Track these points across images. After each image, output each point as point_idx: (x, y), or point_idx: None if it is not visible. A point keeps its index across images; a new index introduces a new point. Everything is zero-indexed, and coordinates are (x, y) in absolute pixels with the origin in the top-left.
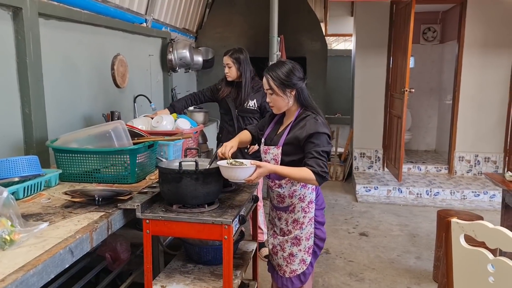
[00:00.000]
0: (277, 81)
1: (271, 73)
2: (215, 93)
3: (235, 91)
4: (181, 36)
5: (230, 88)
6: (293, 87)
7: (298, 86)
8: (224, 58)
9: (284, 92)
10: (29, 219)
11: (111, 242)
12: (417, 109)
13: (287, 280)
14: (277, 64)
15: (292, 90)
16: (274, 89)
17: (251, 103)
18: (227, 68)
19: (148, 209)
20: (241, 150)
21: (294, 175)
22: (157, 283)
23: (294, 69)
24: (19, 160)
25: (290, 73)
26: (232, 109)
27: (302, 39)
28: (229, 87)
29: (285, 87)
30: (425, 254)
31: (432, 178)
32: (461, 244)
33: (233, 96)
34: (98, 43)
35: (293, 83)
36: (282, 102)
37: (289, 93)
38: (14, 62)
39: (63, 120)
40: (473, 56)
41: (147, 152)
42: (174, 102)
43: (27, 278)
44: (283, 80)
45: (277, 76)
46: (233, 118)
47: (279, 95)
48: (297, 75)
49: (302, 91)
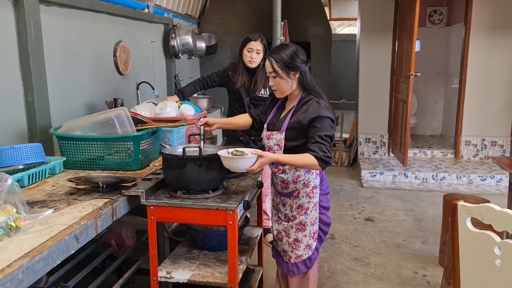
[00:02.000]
0: (281, 64)
1: (275, 55)
2: (224, 79)
3: (249, 79)
4: (183, 22)
5: (246, 76)
6: (297, 69)
7: (301, 69)
8: (254, 43)
9: (288, 75)
10: (34, 206)
11: (117, 229)
12: (423, 93)
13: (293, 265)
14: (280, 47)
15: (296, 73)
16: (278, 71)
17: (263, 91)
18: (255, 54)
19: (152, 196)
20: (253, 139)
21: (297, 163)
22: (163, 269)
23: (298, 51)
24: (24, 148)
25: (294, 56)
26: (244, 96)
27: (306, 24)
28: (246, 75)
29: (289, 69)
30: (431, 239)
31: (438, 163)
32: (468, 227)
33: (246, 84)
34: (99, 30)
35: (297, 65)
36: (286, 86)
37: (293, 76)
38: (16, 49)
39: (66, 108)
40: (480, 39)
41: (151, 138)
42: (183, 88)
43: (33, 264)
44: (287, 62)
45: (281, 59)
46: (245, 105)
47: (283, 78)
48: (300, 58)
49: (305, 74)
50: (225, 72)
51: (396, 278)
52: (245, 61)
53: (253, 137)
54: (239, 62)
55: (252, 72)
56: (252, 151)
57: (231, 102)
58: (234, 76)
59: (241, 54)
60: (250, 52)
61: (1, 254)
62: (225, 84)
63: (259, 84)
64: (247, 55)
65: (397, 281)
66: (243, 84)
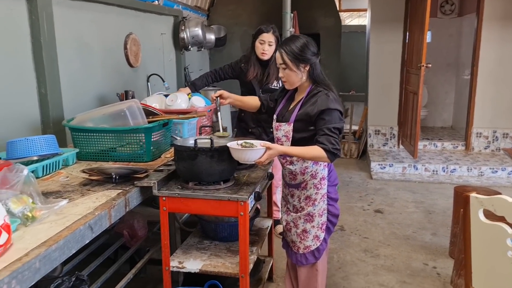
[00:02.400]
0: (291, 56)
1: (285, 47)
2: (236, 71)
3: (261, 71)
4: (193, 14)
5: (259, 68)
6: (307, 62)
7: (312, 61)
8: (266, 35)
9: (298, 67)
10: (49, 196)
11: (129, 219)
12: (433, 85)
13: (301, 256)
14: (291, 39)
15: (306, 65)
16: (288, 63)
17: (275, 83)
18: (267, 46)
19: (164, 187)
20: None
21: (305, 155)
22: (175, 259)
23: (309, 44)
24: (38, 140)
25: (304, 48)
26: (257, 88)
27: (316, 15)
28: (258, 67)
29: (299, 61)
30: (441, 231)
31: (449, 155)
32: (480, 219)
33: (259, 76)
34: (110, 22)
35: (307, 58)
36: (296, 77)
37: (303, 68)
38: (29, 42)
39: (78, 100)
40: (493, 30)
41: (162, 130)
42: (195, 80)
43: (50, 253)
44: (297, 54)
45: (291, 51)
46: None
47: (293, 70)
48: (311, 50)
49: (315, 67)
50: (237, 64)
51: (406, 270)
52: (257, 53)
53: (265, 129)
54: (252, 54)
55: (265, 64)
56: (261, 143)
57: (243, 94)
58: (246, 68)
59: (253, 46)
60: (262, 44)
61: (19, 243)
62: (237, 76)
63: (272, 76)
64: (259, 47)
65: (407, 273)
66: (255, 76)
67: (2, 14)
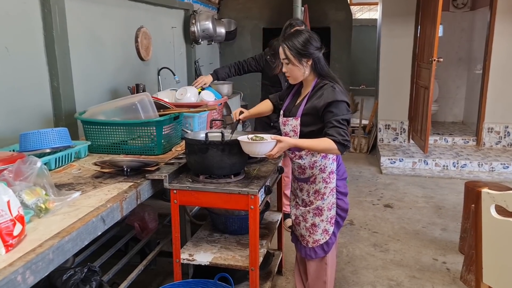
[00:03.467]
0: (294, 51)
1: (288, 42)
2: (261, 64)
3: None
4: (203, 7)
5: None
6: (310, 56)
7: (314, 56)
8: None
9: (300, 61)
10: (62, 188)
11: (139, 212)
12: (444, 79)
13: (310, 250)
14: (294, 34)
15: (308, 60)
16: (290, 58)
17: None
18: None
19: (175, 180)
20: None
21: (316, 147)
22: (185, 251)
23: (311, 38)
24: (50, 132)
25: (306, 43)
26: (283, 81)
27: (326, 9)
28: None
29: (302, 56)
30: (451, 226)
31: (459, 150)
32: (492, 215)
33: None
34: (122, 16)
35: (310, 52)
36: (298, 72)
37: (305, 63)
38: (41, 35)
39: (89, 93)
40: (506, 23)
41: (173, 124)
42: (218, 69)
43: (63, 244)
44: (300, 49)
45: (294, 46)
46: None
47: (295, 64)
48: (314, 45)
49: (319, 61)
50: (262, 57)
51: (416, 265)
52: None
53: None
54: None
55: None
56: (271, 136)
57: (266, 87)
58: (272, 61)
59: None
60: None
61: (32, 235)
62: (261, 69)
63: None
64: None
65: (416, 268)
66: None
67: (15, 8)
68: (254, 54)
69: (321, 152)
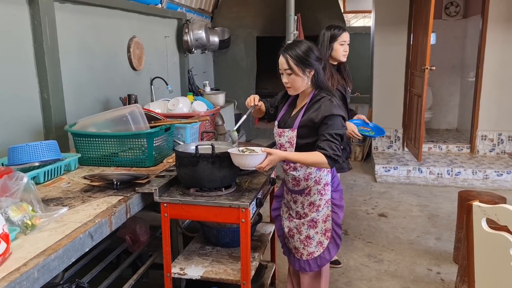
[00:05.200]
0: (297, 60)
1: (291, 52)
2: None
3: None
4: (196, 16)
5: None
6: (312, 67)
7: (316, 67)
8: (345, 35)
9: (303, 72)
10: (50, 203)
11: (131, 224)
12: (438, 87)
13: (305, 262)
14: (295, 43)
15: (311, 70)
16: (294, 68)
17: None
18: (346, 46)
19: (165, 193)
20: None
21: (306, 160)
22: (176, 265)
23: (313, 48)
24: (39, 145)
25: (309, 52)
26: (348, 96)
27: (320, 17)
28: (335, 73)
29: (305, 66)
30: (445, 235)
31: (454, 158)
32: (483, 228)
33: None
34: (113, 26)
35: (312, 63)
36: (301, 83)
37: (308, 73)
38: (31, 47)
39: (80, 104)
40: (498, 31)
41: (164, 135)
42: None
43: (49, 262)
44: (303, 59)
45: (297, 55)
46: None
47: (299, 75)
48: (315, 54)
49: (319, 72)
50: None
51: (410, 275)
52: (337, 56)
53: None
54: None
55: (338, 68)
56: (261, 149)
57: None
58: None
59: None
60: (343, 45)
61: (18, 252)
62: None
63: (348, 79)
64: (339, 49)
65: (411, 278)
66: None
67: (5, 19)
68: (248, 62)
69: (311, 166)
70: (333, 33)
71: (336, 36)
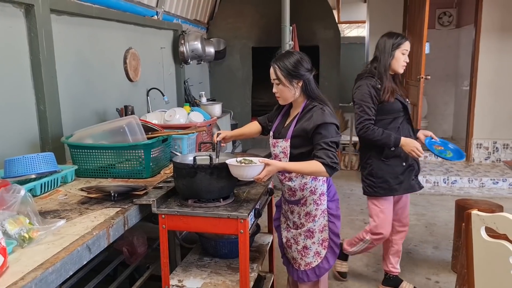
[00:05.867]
0: (285, 72)
1: (279, 63)
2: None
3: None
4: (192, 27)
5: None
6: (300, 78)
7: (305, 78)
8: (407, 44)
9: (291, 82)
10: (47, 216)
11: (128, 236)
12: (433, 96)
13: (302, 273)
14: (285, 55)
15: (299, 81)
16: (281, 79)
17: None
18: (407, 56)
19: (163, 204)
20: None
21: (304, 170)
22: (174, 277)
23: (302, 60)
24: (36, 157)
25: (297, 64)
26: (409, 106)
27: (315, 27)
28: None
29: (292, 77)
30: (443, 244)
31: (449, 166)
32: (482, 237)
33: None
34: (110, 38)
35: (301, 74)
36: (289, 93)
37: (296, 84)
38: (28, 59)
39: (77, 116)
40: (491, 41)
41: (161, 146)
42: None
43: (46, 276)
44: (291, 70)
45: (285, 67)
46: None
47: (286, 85)
48: (305, 66)
49: (309, 83)
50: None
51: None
52: (396, 66)
53: None
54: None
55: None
56: (259, 159)
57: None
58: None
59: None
60: (404, 55)
61: (15, 266)
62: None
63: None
64: (401, 58)
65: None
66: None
67: (2, 32)
68: (243, 73)
69: (309, 175)
70: (396, 41)
71: (400, 44)
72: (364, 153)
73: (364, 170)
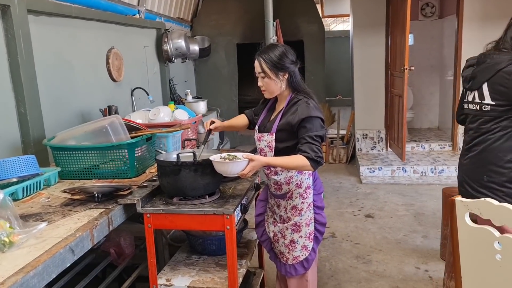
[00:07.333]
0: (270, 64)
1: (264, 55)
2: None
3: None
4: (175, 25)
5: None
6: (286, 70)
7: (290, 70)
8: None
9: (277, 75)
10: (29, 219)
11: (115, 237)
12: (418, 86)
13: (290, 267)
14: (269, 47)
15: (285, 74)
16: (267, 72)
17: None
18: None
19: (148, 203)
20: None
21: (288, 165)
22: (162, 277)
23: (287, 52)
24: (17, 160)
25: (283, 56)
26: None
27: (299, 22)
28: None
29: (278, 70)
30: (432, 233)
31: (436, 156)
32: (467, 223)
33: None
34: (91, 37)
35: (286, 66)
36: (275, 86)
37: (282, 77)
38: (5, 61)
39: (60, 118)
40: (473, 30)
41: (146, 145)
42: None
43: (28, 280)
44: (276, 63)
45: (270, 59)
46: None
47: (272, 78)
48: (290, 58)
49: (294, 75)
50: None
51: (399, 275)
52: None
53: None
54: None
55: None
56: (243, 155)
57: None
58: None
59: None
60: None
61: None
62: None
63: None
64: None
65: (400, 277)
66: None
67: None
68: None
69: (294, 169)
70: None
71: None
72: (501, 154)
73: (500, 176)
